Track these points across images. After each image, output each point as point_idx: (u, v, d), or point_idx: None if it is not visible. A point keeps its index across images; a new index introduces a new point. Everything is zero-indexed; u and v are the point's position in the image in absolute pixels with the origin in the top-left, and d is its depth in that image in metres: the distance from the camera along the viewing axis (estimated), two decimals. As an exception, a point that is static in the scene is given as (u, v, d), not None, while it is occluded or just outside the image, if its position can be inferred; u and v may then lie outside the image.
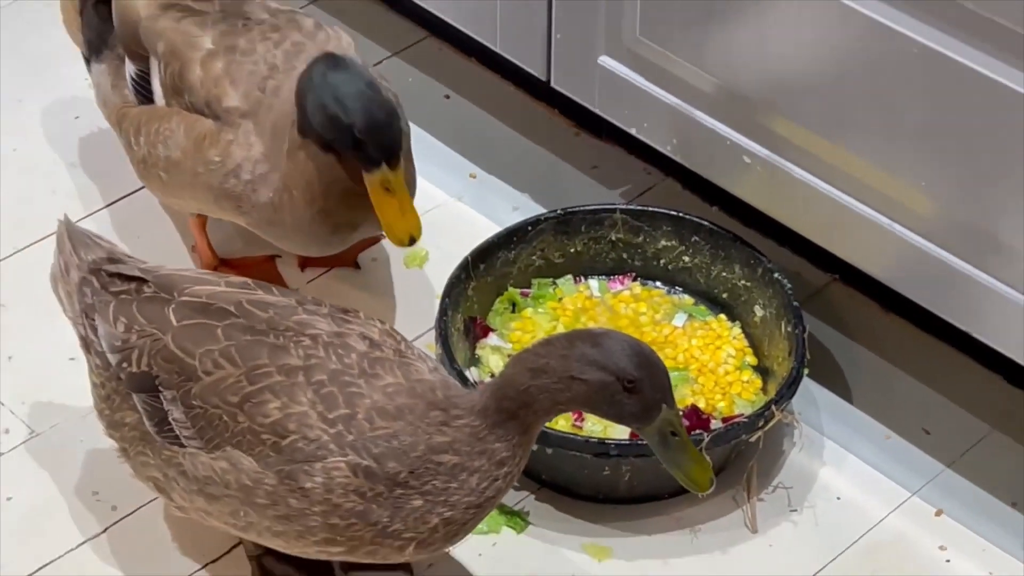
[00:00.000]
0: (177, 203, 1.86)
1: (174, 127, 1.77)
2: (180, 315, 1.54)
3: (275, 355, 1.50)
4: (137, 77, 1.82)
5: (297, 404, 1.47)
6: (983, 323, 1.64)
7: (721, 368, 1.82)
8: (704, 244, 1.87)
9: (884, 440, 1.81)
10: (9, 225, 2.01)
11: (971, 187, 1.59)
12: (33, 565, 1.68)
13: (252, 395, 1.48)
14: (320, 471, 1.46)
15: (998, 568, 1.69)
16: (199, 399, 1.50)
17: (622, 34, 1.81)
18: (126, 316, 1.56)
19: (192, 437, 1.51)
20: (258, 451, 1.48)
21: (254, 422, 1.48)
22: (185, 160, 1.77)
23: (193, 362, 1.51)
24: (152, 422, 1.54)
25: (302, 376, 1.48)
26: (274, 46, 1.76)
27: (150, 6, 1.80)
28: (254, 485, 1.49)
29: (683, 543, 1.72)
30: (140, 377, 1.54)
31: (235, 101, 1.74)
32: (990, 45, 1.51)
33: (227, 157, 1.74)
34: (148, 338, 1.54)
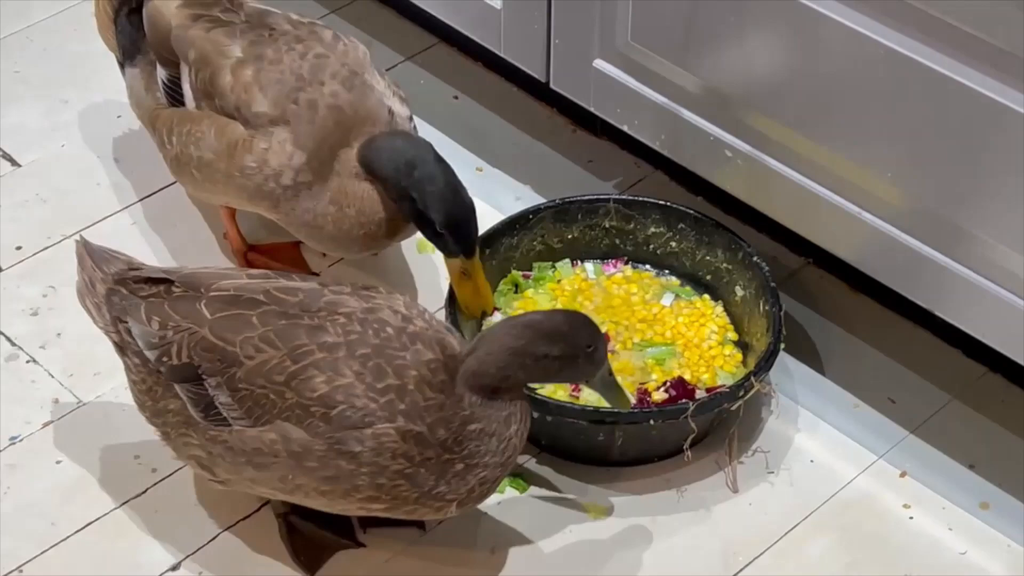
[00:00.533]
0: (209, 197, 1.85)
1: (205, 129, 1.75)
2: (213, 308, 1.53)
3: (313, 335, 1.49)
4: (168, 81, 1.81)
5: (342, 377, 1.47)
6: (944, 302, 1.64)
7: (705, 343, 1.81)
8: (689, 231, 1.86)
9: (853, 408, 1.80)
10: (58, 214, 2.00)
11: (933, 177, 1.58)
12: (81, 522, 1.68)
13: (297, 373, 1.48)
14: (370, 436, 1.47)
15: (956, 524, 1.69)
16: (245, 382, 1.49)
17: (615, 39, 1.81)
18: (159, 315, 1.54)
19: (240, 417, 1.50)
20: (307, 423, 1.48)
21: (302, 397, 1.47)
22: (217, 161, 1.75)
23: (234, 349, 1.50)
24: (197, 408, 1.53)
25: (344, 351, 1.48)
26: (299, 57, 1.74)
27: (180, 16, 1.79)
28: (304, 452, 1.48)
29: (671, 502, 1.71)
30: (182, 368, 1.52)
31: (264, 107, 1.72)
32: (948, 46, 1.50)
33: (264, 164, 1.72)
34: (185, 332, 1.52)
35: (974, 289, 1.59)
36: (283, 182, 1.72)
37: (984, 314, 1.60)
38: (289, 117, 1.71)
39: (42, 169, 2.06)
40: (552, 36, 1.86)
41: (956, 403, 1.80)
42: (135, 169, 2.05)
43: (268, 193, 1.73)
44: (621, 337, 1.80)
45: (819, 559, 1.66)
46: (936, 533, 1.68)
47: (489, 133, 2.12)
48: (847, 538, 1.68)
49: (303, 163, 1.71)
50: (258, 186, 1.73)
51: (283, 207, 1.74)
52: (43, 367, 1.82)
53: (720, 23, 1.68)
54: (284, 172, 1.72)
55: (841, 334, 1.87)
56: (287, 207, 1.74)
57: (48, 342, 1.85)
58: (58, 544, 1.66)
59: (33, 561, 1.64)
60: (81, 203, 2.01)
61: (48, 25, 2.24)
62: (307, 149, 1.71)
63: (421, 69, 2.20)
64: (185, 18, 1.78)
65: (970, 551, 1.66)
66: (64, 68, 2.19)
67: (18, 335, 1.86)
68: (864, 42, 1.55)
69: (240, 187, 1.75)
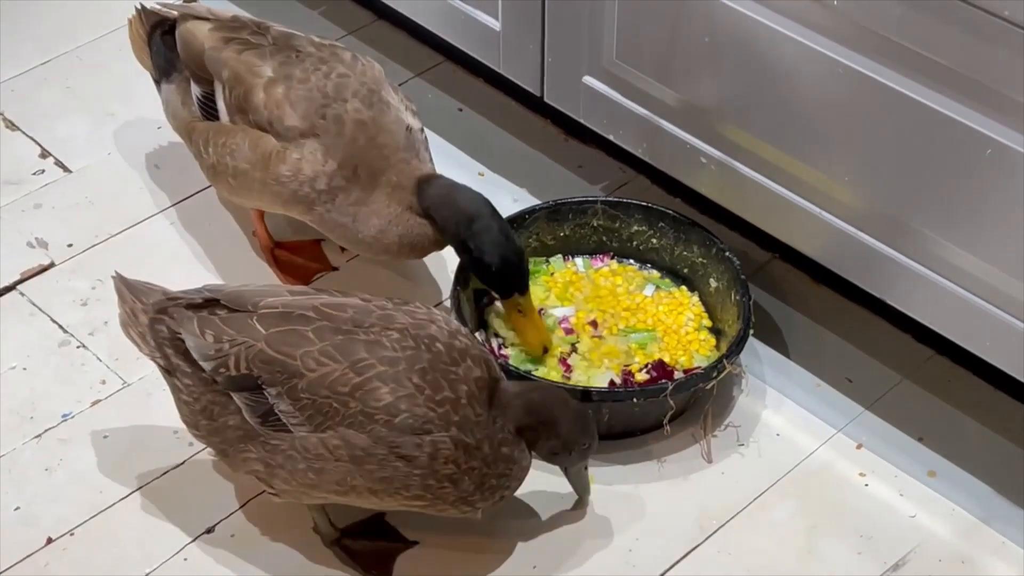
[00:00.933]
0: (243, 202, 1.85)
1: (239, 141, 1.76)
2: (266, 324, 1.49)
3: (372, 350, 1.47)
4: (203, 97, 1.81)
5: (404, 388, 1.46)
6: (895, 292, 1.64)
7: (683, 329, 1.81)
8: (669, 229, 1.86)
9: (815, 387, 1.80)
10: (105, 215, 2.01)
11: (885, 182, 1.59)
12: (126, 490, 1.69)
13: (362, 384, 1.46)
14: (428, 443, 1.46)
15: (906, 490, 1.70)
16: (307, 392, 1.47)
17: (602, 58, 1.81)
18: (212, 329, 1.51)
19: (301, 424, 1.48)
20: (370, 428, 1.46)
21: (367, 406, 1.46)
22: (252, 171, 1.76)
23: (295, 362, 1.47)
24: (256, 415, 1.49)
25: (404, 364, 1.47)
26: (324, 76, 1.75)
27: (212, 39, 1.79)
28: (365, 455, 1.47)
29: (651, 471, 1.72)
30: (240, 379, 1.49)
31: (295, 121, 1.73)
32: (898, 64, 1.51)
33: (298, 172, 1.72)
34: (241, 346, 1.49)
35: (921, 280, 1.60)
36: (318, 187, 1.73)
37: (931, 303, 1.60)
38: (319, 131, 1.72)
39: (90, 175, 2.06)
40: (545, 55, 1.87)
41: (907, 382, 1.80)
42: (173, 175, 2.05)
43: (303, 197, 1.74)
44: (608, 324, 1.81)
45: (784, 522, 1.66)
46: (889, 499, 1.68)
47: (489, 141, 2.12)
48: (809, 503, 1.68)
49: (335, 169, 1.72)
50: (293, 192, 1.74)
51: (318, 209, 1.74)
52: (92, 352, 1.83)
53: (696, 44, 1.68)
54: (319, 178, 1.72)
55: (804, 321, 1.87)
56: (322, 209, 1.74)
57: (96, 329, 1.86)
58: (106, 510, 1.67)
59: (83, 525, 1.65)
60: (125, 205, 2.02)
61: (96, 46, 2.24)
62: (337, 158, 1.72)
63: (429, 84, 2.19)
64: (217, 40, 1.79)
65: (919, 515, 1.67)
66: (110, 84, 2.18)
67: (69, 323, 1.86)
68: (824, 61, 1.56)
69: (275, 194, 1.75)
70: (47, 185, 2.04)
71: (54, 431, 1.74)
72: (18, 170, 2.07)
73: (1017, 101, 1.43)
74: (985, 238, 1.52)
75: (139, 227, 1.99)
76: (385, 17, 2.28)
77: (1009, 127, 1.45)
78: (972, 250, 1.54)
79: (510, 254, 1.69)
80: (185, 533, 1.65)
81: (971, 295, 1.57)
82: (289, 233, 1.98)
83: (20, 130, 2.12)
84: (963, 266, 1.56)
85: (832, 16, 1.54)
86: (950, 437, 1.74)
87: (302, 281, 1.92)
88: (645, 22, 1.72)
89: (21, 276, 1.92)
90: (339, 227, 1.76)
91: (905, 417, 1.76)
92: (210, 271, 1.94)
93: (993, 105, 1.45)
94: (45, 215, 2.00)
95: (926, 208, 1.56)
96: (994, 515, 1.67)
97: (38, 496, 1.68)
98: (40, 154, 2.09)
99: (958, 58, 1.45)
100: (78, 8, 2.31)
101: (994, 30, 1.41)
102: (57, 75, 2.21)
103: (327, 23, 2.29)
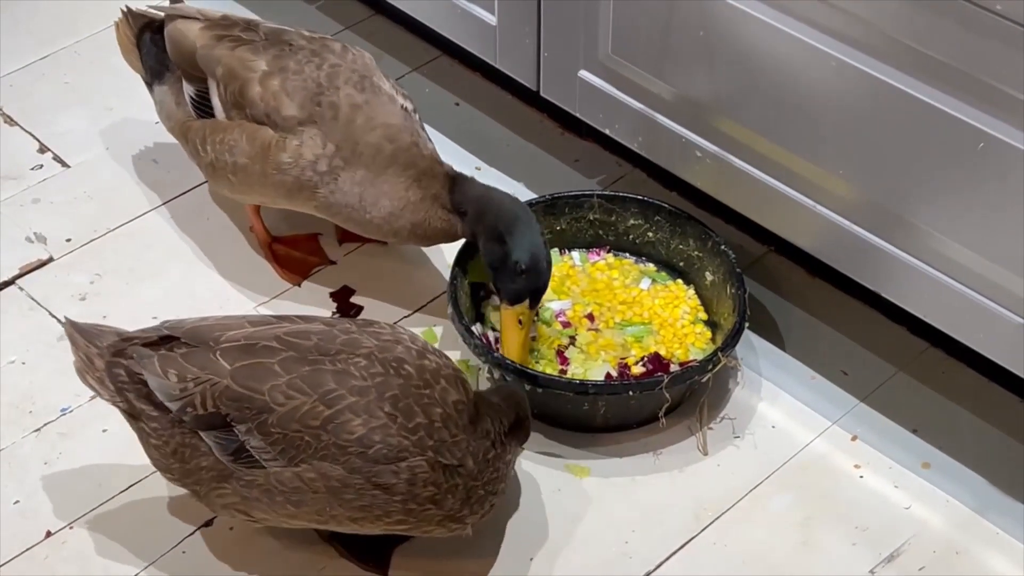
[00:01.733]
0: (244, 198, 1.85)
1: (237, 136, 1.77)
2: (230, 359, 1.46)
3: (341, 380, 1.45)
4: (196, 96, 1.81)
5: (376, 419, 1.44)
6: (890, 285, 1.65)
7: (679, 322, 1.81)
8: (664, 222, 1.86)
9: (810, 380, 1.81)
10: (103, 210, 2.01)
11: (880, 175, 1.59)
12: (124, 484, 1.69)
13: (333, 417, 1.43)
14: (405, 469, 1.45)
15: (901, 482, 1.70)
16: (278, 427, 1.44)
17: (597, 52, 1.81)
18: (175, 368, 1.46)
19: (274, 459, 1.45)
20: (344, 460, 1.44)
21: (339, 439, 1.43)
22: (252, 164, 1.76)
23: (263, 397, 1.44)
24: (227, 453, 1.46)
25: (374, 394, 1.44)
26: (316, 68, 1.76)
27: (204, 37, 1.79)
28: (342, 487, 1.45)
29: (648, 463, 1.72)
30: (209, 417, 1.45)
31: (292, 110, 1.74)
32: (891, 58, 1.51)
33: (299, 157, 1.73)
34: (206, 383, 1.45)
35: (916, 273, 1.60)
36: (319, 169, 1.73)
37: (925, 295, 1.61)
38: (315, 118, 1.73)
39: (89, 169, 2.06)
40: (542, 49, 1.87)
41: (902, 375, 1.80)
42: (170, 170, 2.05)
43: (306, 182, 1.74)
44: (604, 317, 1.81)
45: (779, 514, 1.66)
46: (883, 490, 1.69)
47: (487, 135, 2.12)
48: (804, 495, 1.68)
49: (335, 151, 1.73)
50: (296, 178, 1.74)
51: (321, 192, 1.74)
52: (91, 346, 1.85)
53: (691, 38, 1.68)
54: (320, 160, 1.73)
55: (799, 314, 1.87)
56: (326, 191, 1.74)
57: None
58: (105, 503, 1.67)
59: (83, 518, 1.65)
60: (123, 200, 2.02)
61: (94, 40, 2.25)
62: (336, 140, 1.73)
63: (426, 79, 2.20)
64: (209, 39, 1.79)
65: (913, 506, 1.67)
66: (108, 79, 2.19)
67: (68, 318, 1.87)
68: (818, 55, 1.56)
69: (278, 183, 1.76)
70: (45, 180, 2.05)
71: (53, 425, 1.75)
72: (17, 165, 2.07)
73: (1010, 95, 1.43)
74: (979, 231, 1.53)
75: (137, 222, 2.00)
76: (382, 12, 2.28)
77: (1002, 121, 1.45)
78: (966, 243, 1.54)
79: (542, 259, 1.69)
80: (184, 526, 1.65)
81: (965, 288, 1.57)
82: (285, 228, 1.98)
83: (19, 125, 2.13)
84: (957, 259, 1.56)
85: (826, 11, 1.54)
86: (944, 429, 1.74)
87: (300, 275, 1.92)
88: (640, 17, 1.72)
89: (20, 271, 1.93)
90: (345, 208, 1.76)
91: (900, 409, 1.76)
92: (208, 266, 1.95)
93: (986, 99, 1.45)
94: (44, 210, 2.01)
95: (920, 201, 1.56)
96: (988, 506, 1.67)
97: (37, 489, 1.69)
98: (39, 149, 2.09)
99: (952, 52, 1.46)
100: (77, 3, 2.31)
101: (987, 25, 1.41)
102: (56, 70, 2.21)
103: (324, 17, 2.29)
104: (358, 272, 1.94)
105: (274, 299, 1.91)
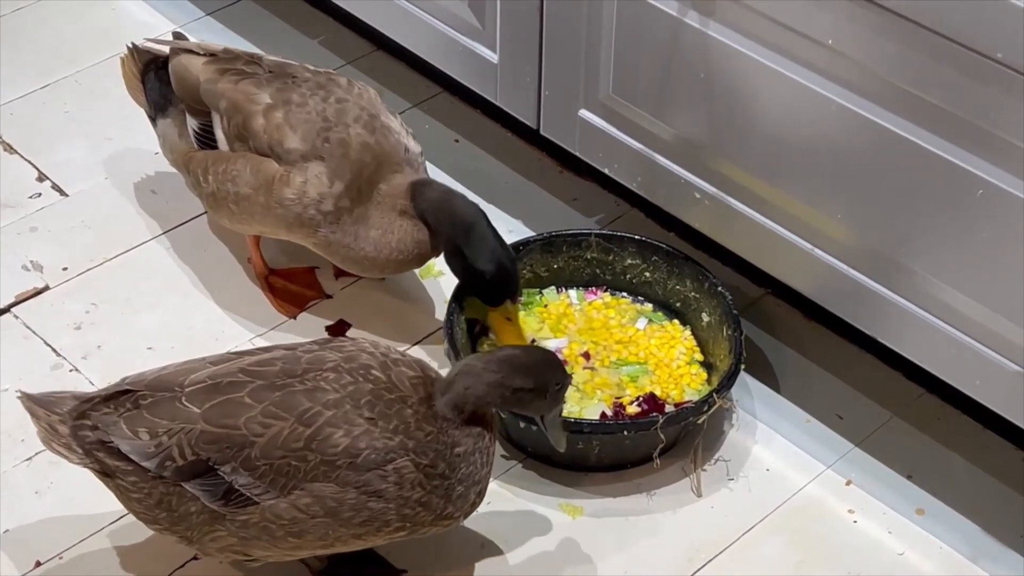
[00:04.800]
0: (244, 228, 1.85)
1: (240, 168, 1.77)
2: (198, 402, 1.44)
3: (314, 396, 1.44)
4: (199, 130, 1.82)
5: (357, 426, 1.43)
6: (886, 330, 1.65)
7: (674, 363, 1.81)
8: (662, 262, 1.87)
9: (805, 423, 1.81)
10: (101, 239, 2.01)
11: (877, 220, 1.59)
12: (115, 515, 1.67)
13: (315, 435, 1.42)
14: (392, 471, 1.44)
15: (895, 528, 1.70)
16: (262, 458, 1.42)
17: (598, 92, 1.82)
18: (144, 425, 1.44)
19: (265, 492, 1.43)
20: (335, 475, 1.43)
21: (325, 454, 1.42)
22: (255, 196, 1.76)
23: (240, 432, 1.42)
24: (215, 498, 1.44)
25: (349, 403, 1.44)
26: (322, 100, 1.76)
27: (207, 71, 1.80)
28: (339, 505, 1.44)
29: (641, 504, 1.72)
30: (190, 466, 1.43)
31: (295, 143, 1.74)
32: (891, 103, 1.51)
33: (303, 195, 1.73)
34: (180, 432, 1.43)
35: (913, 319, 1.60)
36: (324, 208, 1.73)
37: (921, 341, 1.61)
38: (322, 153, 1.73)
39: (87, 199, 2.06)
40: (542, 88, 1.88)
41: (897, 420, 1.80)
42: (169, 200, 2.06)
43: (308, 220, 1.74)
44: (600, 356, 1.81)
45: (772, 558, 1.66)
46: (877, 536, 1.68)
47: (486, 172, 2.12)
48: (798, 539, 1.68)
49: (342, 191, 1.73)
50: (297, 215, 1.74)
51: (322, 231, 1.75)
52: (84, 375, 1.83)
53: (691, 80, 1.69)
54: (325, 200, 1.73)
55: (795, 357, 1.87)
56: (327, 231, 1.74)
57: (89, 353, 1.86)
58: (95, 534, 1.66)
59: (72, 548, 1.64)
60: (121, 230, 2.02)
61: (95, 71, 2.25)
62: (344, 179, 1.73)
63: (426, 115, 2.20)
64: (212, 72, 1.79)
65: (907, 552, 1.67)
66: (108, 109, 2.19)
67: (63, 347, 1.87)
68: (817, 99, 1.56)
69: (279, 217, 1.76)
70: (43, 208, 2.05)
71: (45, 454, 1.73)
72: (15, 193, 2.07)
73: (1010, 143, 1.44)
74: (976, 278, 1.53)
75: (134, 252, 2.00)
76: (384, 47, 2.29)
77: (1002, 169, 1.46)
78: (963, 289, 1.54)
79: (505, 261, 1.70)
80: (173, 559, 1.64)
81: (962, 334, 1.57)
82: (284, 261, 1.98)
83: (18, 153, 2.13)
84: (954, 305, 1.56)
85: (826, 54, 1.55)
86: (939, 475, 1.74)
87: (296, 308, 1.92)
88: (641, 57, 1.73)
89: (15, 299, 1.92)
90: (342, 248, 1.76)
91: (894, 454, 1.76)
92: (204, 297, 1.94)
93: (986, 147, 1.46)
94: (41, 238, 2.01)
95: (918, 247, 1.56)
96: (982, 554, 1.67)
97: (28, 519, 1.68)
98: (37, 177, 2.09)
99: (952, 99, 1.46)
100: (78, 33, 2.32)
101: (987, 72, 1.42)
102: (56, 99, 2.22)
103: (326, 52, 2.30)
104: (354, 306, 1.94)
105: (270, 331, 1.90)
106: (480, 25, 1.92)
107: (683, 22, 1.66)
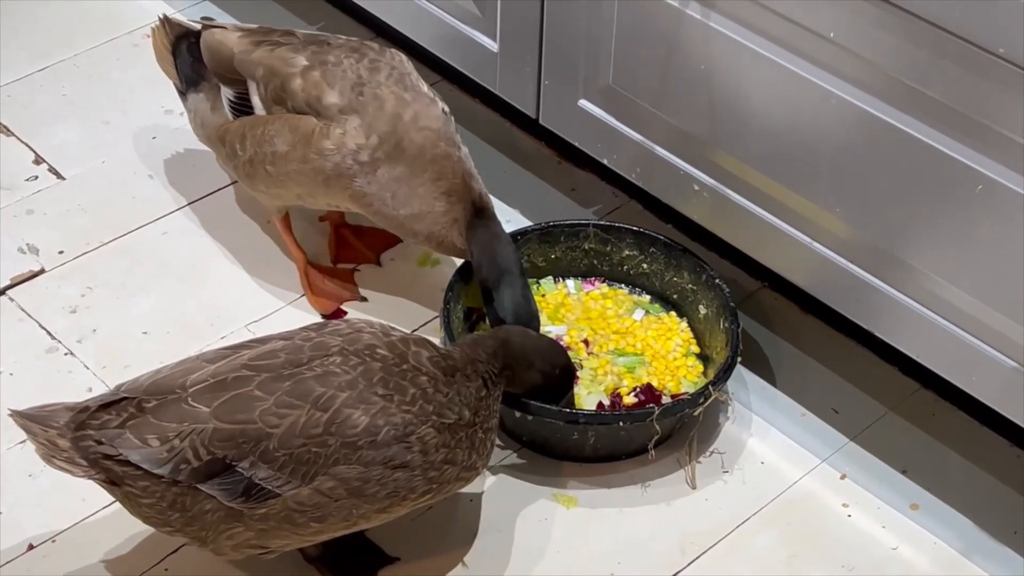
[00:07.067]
0: (280, 193, 1.84)
1: (278, 127, 1.78)
2: (206, 401, 1.42)
3: (325, 381, 1.44)
4: (235, 99, 1.83)
5: (373, 404, 1.44)
6: (883, 324, 1.65)
7: (671, 355, 1.82)
8: (659, 254, 1.87)
9: (800, 417, 1.81)
10: (97, 223, 2.01)
11: (875, 214, 1.59)
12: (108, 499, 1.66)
13: (333, 418, 1.42)
14: (416, 441, 1.45)
15: (889, 522, 1.70)
16: (281, 449, 1.41)
17: (598, 82, 1.82)
18: (153, 432, 1.42)
19: (286, 482, 1.42)
20: (357, 455, 1.43)
21: (346, 437, 1.42)
22: (293, 152, 1.77)
23: (256, 425, 1.41)
24: (234, 497, 1.42)
25: (362, 382, 1.44)
26: (356, 62, 1.79)
27: (242, 44, 1.82)
28: (363, 483, 1.44)
29: (636, 495, 1.72)
30: (207, 465, 1.41)
31: (334, 98, 1.76)
32: (891, 97, 1.52)
33: (341, 145, 1.75)
34: (191, 434, 1.41)
35: (910, 313, 1.60)
36: (360, 159, 1.75)
37: (918, 336, 1.61)
38: (357, 108, 1.75)
39: (83, 182, 2.06)
40: (542, 78, 1.88)
41: (892, 415, 1.80)
42: (167, 185, 2.06)
43: (345, 170, 1.76)
44: (598, 344, 1.81)
45: (766, 551, 1.66)
46: (871, 530, 1.69)
47: (484, 162, 2.08)
48: (791, 532, 1.68)
49: (378, 143, 1.75)
50: (336, 164, 1.75)
51: (358, 182, 1.76)
52: (79, 359, 1.83)
53: (692, 72, 1.69)
54: (362, 150, 1.75)
55: (791, 350, 1.87)
56: (363, 181, 1.76)
57: (84, 337, 1.86)
58: (88, 518, 1.66)
59: (65, 532, 1.65)
60: (118, 214, 2.02)
61: (93, 54, 2.25)
62: (380, 132, 1.75)
63: (425, 103, 2.22)
64: (247, 44, 1.81)
65: (901, 547, 1.67)
66: (106, 93, 2.19)
67: (58, 330, 1.87)
68: (818, 92, 1.57)
69: (317, 170, 1.76)
70: (40, 191, 2.05)
71: (39, 437, 1.74)
72: (11, 175, 2.07)
73: (1009, 138, 1.44)
74: (974, 273, 1.53)
75: (130, 236, 2.00)
76: (384, 35, 2.29)
77: (1001, 164, 1.46)
78: (960, 285, 1.55)
79: (524, 315, 1.73)
80: (167, 543, 1.64)
81: (958, 329, 1.57)
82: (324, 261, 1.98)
83: (15, 136, 2.13)
84: (951, 300, 1.56)
85: (828, 48, 1.55)
86: (934, 470, 1.74)
87: (330, 304, 1.91)
88: (642, 48, 1.73)
89: (11, 281, 1.92)
90: (377, 201, 1.77)
91: (889, 449, 1.76)
92: (200, 283, 1.94)
93: (986, 141, 1.46)
94: (37, 221, 2.01)
95: (916, 241, 1.57)
96: (975, 549, 1.67)
97: (20, 502, 1.68)
98: (34, 160, 2.09)
99: (952, 93, 1.46)
100: (75, 16, 2.32)
101: (988, 67, 1.42)
102: (53, 82, 2.21)
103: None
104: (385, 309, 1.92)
105: (265, 318, 1.90)
106: (480, 13, 1.92)
107: (685, 13, 1.66)
